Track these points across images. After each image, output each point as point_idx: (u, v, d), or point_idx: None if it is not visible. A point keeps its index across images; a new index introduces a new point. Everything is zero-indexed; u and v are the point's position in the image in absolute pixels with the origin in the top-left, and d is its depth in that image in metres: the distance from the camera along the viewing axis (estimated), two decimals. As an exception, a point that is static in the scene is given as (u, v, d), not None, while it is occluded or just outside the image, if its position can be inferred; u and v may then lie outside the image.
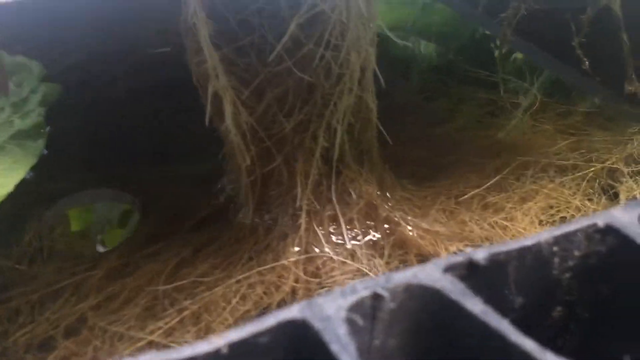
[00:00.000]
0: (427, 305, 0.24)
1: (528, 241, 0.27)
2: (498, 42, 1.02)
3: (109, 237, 0.64)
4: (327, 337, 0.21)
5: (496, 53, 1.00)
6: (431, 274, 0.25)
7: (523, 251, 0.26)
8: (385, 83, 0.55)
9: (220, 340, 0.21)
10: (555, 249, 0.27)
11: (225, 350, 0.21)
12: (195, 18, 0.45)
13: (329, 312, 0.22)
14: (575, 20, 0.65)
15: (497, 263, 0.26)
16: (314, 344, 0.22)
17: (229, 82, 0.48)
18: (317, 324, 0.22)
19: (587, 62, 0.66)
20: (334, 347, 0.21)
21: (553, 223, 0.61)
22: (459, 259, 0.25)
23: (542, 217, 0.61)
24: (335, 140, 0.53)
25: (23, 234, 0.61)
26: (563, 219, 0.61)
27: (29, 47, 0.76)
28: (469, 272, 0.25)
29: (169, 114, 0.79)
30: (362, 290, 0.24)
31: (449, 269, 0.25)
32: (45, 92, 0.74)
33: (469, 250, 0.26)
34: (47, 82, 0.76)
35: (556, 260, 0.28)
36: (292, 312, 0.23)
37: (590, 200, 0.64)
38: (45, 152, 0.64)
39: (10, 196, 0.56)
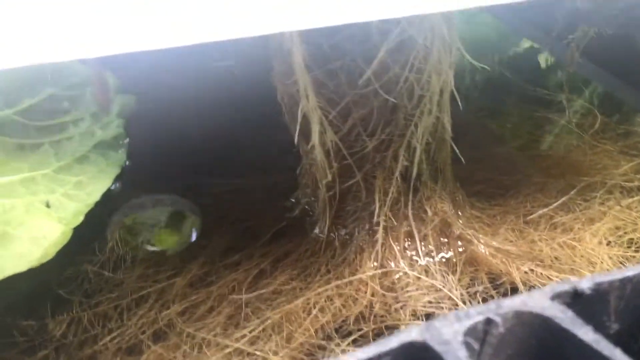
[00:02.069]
0: (536, 332, 0.26)
1: (630, 272, 0.28)
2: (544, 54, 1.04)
3: (159, 238, 0.65)
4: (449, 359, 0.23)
5: (544, 65, 1.00)
6: (540, 302, 0.26)
7: (625, 281, 0.28)
8: (461, 104, 0.57)
9: (349, 358, 0.23)
10: None
11: None
12: (290, 43, 0.47)
13: (447, 336, 0.24)
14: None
15: (600, 292, 0.27)
16: None
17: (317, 103, 0.50)
18: (438, 347, 0.24)
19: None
20: None
21: (621, 245, 0.62)
22: (565, 287, 0.27)
23: (611, 239, 0.62)
24: (414, 159, 0.55)
25: (106, 241, 0.64)
26: (630, 241, 0.62)
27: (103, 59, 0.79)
28: (574, 300, 0.27)
29: (238, 126, 0.82)
30: (475, 315, 0.25)
31: (556, 296, 0.26)
32: (122, 103, 0.78)
33: (573, 279, 0.28)
34: (123, 94, 0.79)
35: None
36: (412, 334, 0.24)
37: (656, 222, 0.64)
38: (127, 162, 0.67)
39: (96, 204, 0.59)
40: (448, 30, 0.52)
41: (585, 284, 0.27)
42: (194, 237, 0.65)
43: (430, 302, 0.55)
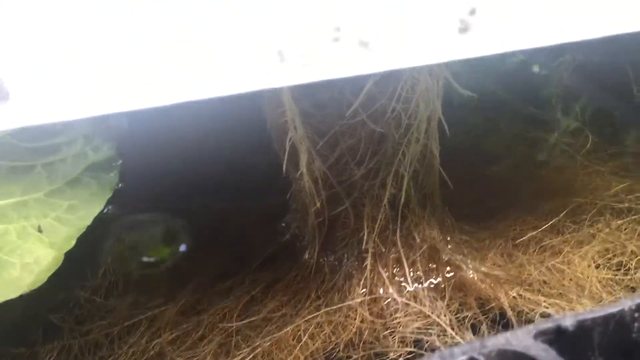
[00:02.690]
0: None
1: (613, 309, 0.28)
2: (536, 67, 1.04)
3: (154, 251, 0.66)
4: None
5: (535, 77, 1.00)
6: (523, 340, 0.27)
7: (608, 318, 0.28)
8: (448, 131, 0.57)
9: None
10: (636, 314, 0.29)
11: None
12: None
13: None
14: (634, 68, 0.67)
15: (583, 329, 0.28)
16: None
17: (305, 133, 0.51)
18: None
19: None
20: None
21: (610, 268, 0.62)
22: (548, 324, 0.27)
23: (600, 261, 0.62)
24: (402, 186, 0.55)
25: (98, 266, 0.64)
26: (620, 264, 0.62)
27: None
28: (557, 337, 0.27)
29: (229, 149, 0.82)
30: (460, 355, 0.26)
31: (539, 334, 0.27)
32: (113, 124, 0.78)
33: (556, 316, 0.28)
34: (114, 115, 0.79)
35: (636, 324, 0.29)
36: None
37: (646, 245, 0.65)
38: (120, 185, 0.67)
39: (87, 228, 0.60)
40: (435, 60, 0.53)
41: (568, 321, 0.27)
42: (183, 249, 0.66)
43: (419, 328, 0.55)
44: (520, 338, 0.27)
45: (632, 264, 0.62)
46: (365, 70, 0.29)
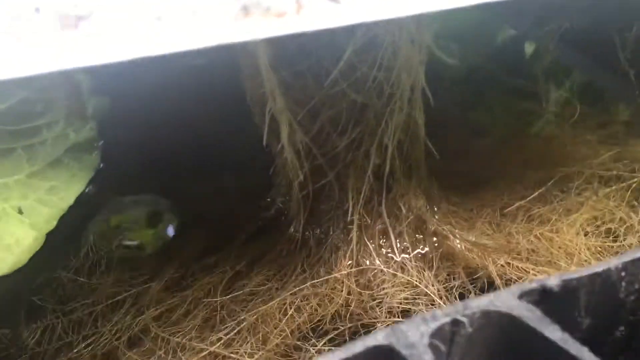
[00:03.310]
0: (504, 331, 0.26)
1: (598, 268, 0.28)
2: (529, 44, 1.03)
3: (137, 234, 0.65)
4: None
5: (528, 50, 1.00)
6: (507, 301, 0.26)
7: (593, 277, 0.28)
8: (432, 100, 0.56)
9: None
10: (623, 274, 0.28)
11: None
12: (254, 44, 0.47)
13: (413, 338, 0.24)
14: (621, 36, 0.66)
15: (568, 289, 0.27)
16: None
17: (285, 104, 0.50)
18: (404, 351, 0.23)
19: (632, 73, 0.67)
20: None
21: (599, 235, 0.61)
22: (533, 285, 0.27)
23: (588, 229, 0.62)
24: (386, 156, 0.54)
25: (80, 246, 0.64)
26: (608, 231, 0.62)
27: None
28: (542, 298, 0.27)
29: (212, 126, 0.81)
30: (442, 317, 0.25)
31: (524, 295, 0.26)
32: (95, 105, 0.77)
33: (541, 277, 0.27)
34: (96, 96, 0.78)
35: (623, 284, 0.29)
36: (378, 338, 0.24)
37: (634, 211, 0.64)
38: (101, 165, 0.66)
39: (69, 209, 0.59)
40: (416, 27, 0.52)
41: (553, 281, 0.27)
42: (171, 233, 0.65)
43: (406, 298, 0.55)
44: (504, 299, 0.26)
45: (621, 231, 0.62)
46: (336, 23, 0.28)
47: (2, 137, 0.66)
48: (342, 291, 0.55)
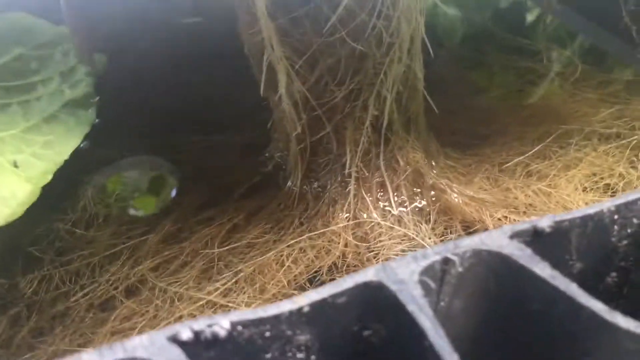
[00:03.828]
0: (494, 270, 0.26)
1: (591, 210, 0.28)
2: (531, 8, 1.02)
3: (141, 202, 0.65)
4: (403, 298, 0.23)
5: (530, 18, 0.99)
6: (498, 240, 0.26)
7: (586, 219, 0.27)
8: (431, 51, 0.55)
9: (303, 300, 0.23)
10: (616, 217, 0.28)
11: (307, 309, 0.23)
12: (251, -12, 0.46)
13: (403, 275, 0.24)
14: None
15: (561, 230, 0.27)
16: (390, 304, 0.23)
17: (283, 52, 0.49)
18: (393, 286, 0.23)
19: (634, 30, 0.66)
20: (411, 308, 0.22)
21: (597, 190, 0.61)
22: (525, 226, 0.27)
23: (586, 184, 0.62)
24: (384, 108, 0.54)
25: (77, 200, 0.63)
26: (607, 186, 0.62)
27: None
28: (534, 239, 0.27)
29: (208, 83, 0.81)
30: (433, 255, 0.25)
31: (515, 235, 0.26)
32: (92, 62, 0.76)
33: (533, 218, 0.27)
34: (94, 52, 0.77)
35: (616, 227, 0.29)
36: (368, 275, 0.24)
37: (634, 167, 0.64)
38: (97, 120, 0.66)
39: (65, 163, 0.59)
40: (417, -25, 0.51)
41: (545, 222, 0.27)
42: (173, 195, 0.65)
43: (403, 250, 0.55)
44: (495, 238, 0.26)
45: (619, 187, 0.62)
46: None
47: (-2, 93, 0.65)
48: (339, 244, 0.55)
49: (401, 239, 0.56)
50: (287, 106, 0.53)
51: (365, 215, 0.57)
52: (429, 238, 0.56)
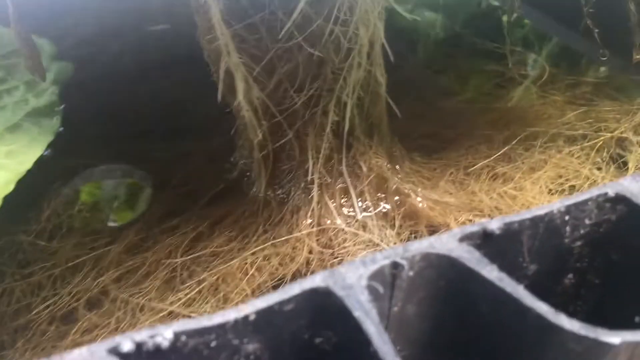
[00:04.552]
0: (444, 273, 0.25)
1: (541, 211, 0.27)
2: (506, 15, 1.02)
3: (119, 214, 0.64)
4: (350, 304, 0.23)
5: (504, 21, 1.00)
6: (447, 244, 0.26)
7: (536, 220, 0.27)
8: (392, 56, 0.55)
9: (248, 308, 0.23)
10: (567, 217, 0.28)
11: (253, 317, 0.22)
12: (206, -4, 0.46)
13: (351, 280, 0.24)
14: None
15: (511, 232, 0.27)
16: (337, 310, 0.23)
17: (240, 58, 0.49)
18: (340, 292, 0.23)
19: (596, 32, 0.66)
20: (357, 314, 0.22)
21: (562, 192, 0.62)
22: (474, 228, 0.26)
23: (552, 186, 0.62)
24: (345, 114, 0.54)
25: (41, 211, 0.63)
26: (572, 188, 0.62)
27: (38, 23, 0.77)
28: (484, 242, 0.27)
29: (175, 91, 0.80)
30: (382, 259, 0.25)
31: (465, 238, 0.26)
32: (57, 70, 0.76)
33: (483, 220, 0.27)
34: (59, 60, 0.77)
35: (568, 228, 0.29)
36: (316, 281, 0.24)
37: (599, 169, 0.64)
38: (62, 129, 0.66)
39: (29, 173, 0.58)
40: (374, -20, 0.51)
41: (494, 224, 0.27)
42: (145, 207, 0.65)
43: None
44: (444, 241, 0.26)
45: (584, 188, 0.62)
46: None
47: (-38, 103, 0.65)
48: (303, 250, 0.55)
49: (366, 245, 0.56)
50: (247, 113, 0.52)
51: (329, 222, 0.56)
52: (394, 243, 0.56)
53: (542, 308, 0.23)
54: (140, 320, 0.50)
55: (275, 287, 0.53)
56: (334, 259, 0.55)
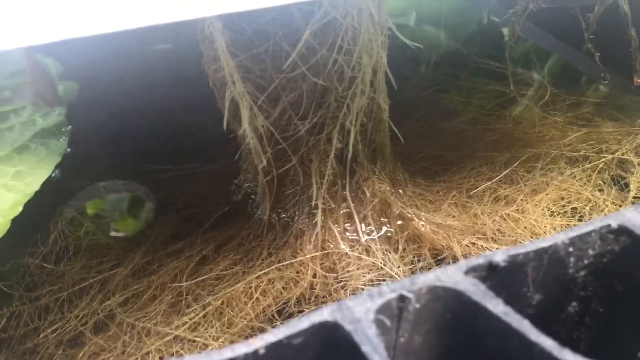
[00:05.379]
0: (450, 306, 0.26)
1: (545, 243, 0.28)
2: (507, 31, 1.03)
3: (121, 224, 0.65)
4: (358, 338, 0.23)
5: (505, 40, 1.00)
6: (453, 276, 0.26)
7: (540, 252, 0.28)
8: (394, 76, 0.56)
9: (258, 342, 0.23)
10: (570, 249, 0.29)
11: (262, 351, 0.23)
12: (212, 28, 0.47)
13: (359, 314, 0.24)
14: (584, 16, 0.66)
15: (516, 264, 0.28)
16: (345, 344, 0.23)
17: (245, 88, 0.50)
18: (348, 326, 0.24)
19: (597, 56, 0.67)
20: (365, 348, 0.23)
21: (564, 214, 0.62)
22: (480, 261, 0.27)
23: (554, 209, 0.63)
24: (349, 140, 0.54)
25: (48, 232, 0.63)
26: (574, 210, 0.63)
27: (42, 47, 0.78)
28: (489, 274, 0.27)
29: (179, 112, 0.81)
30: (389, 293, 0.25)
31: (470, 270, 0.27)
32: (64, 90, 0.76)
33: (487, 252, 0.28)
34: (65, 81, 0.78)
35: (572, 259, 0.29)
36: (324, 315, 0.24)
37: (600, 191, 0.65)
38: (69, 150, 0.66)
39: (36, 194, 0.59)
40: (377, 9, 0.52)
41: (499, 256, 0.27)
42: (148, 218, 0.65)
43: (371, 280, 0.55)
44: (450, 274, 0.27)
45: (586, 210, 0.63)
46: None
47: (-32, 124, 0.65)
48: (307, 274, 0.55)
49: (369, 269, 0.56)
50: (252, 140, 0.53)
51: (332, 246, 0.57)
52: (398, 267, 0.56)
53: (547, 343, 0.23)
54: (147, 345, 0.51)
55: (279, 312, 0.54)
56: (338, 283, 0.55)
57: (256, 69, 0.49)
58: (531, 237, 0.60)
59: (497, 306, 0.25)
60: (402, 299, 0.25)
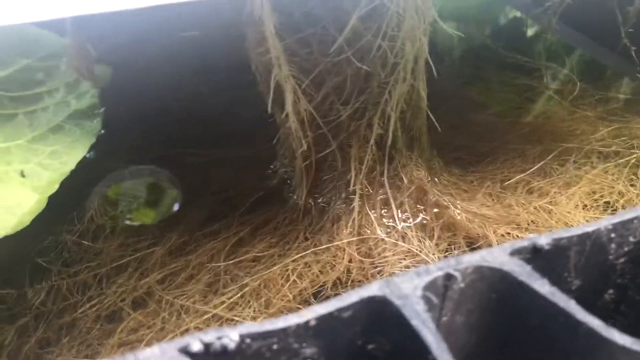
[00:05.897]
0: (495, 286, 0.26)
1: (589, 228, 0.28)
2: (530, 24, 1.03)
3: (137, 213, 0.66)
4: (407, 313, 0.24)
5: (529, 34, 1.00)
6: (498, 257, 0.27)
7: (584, 237, 0.28)
8: (435, 71, 0.57)
9: (309, 314, 0.23)
10: (613, 235, 0.29)
11: (313, 323, 0.23)
12: (261, 11, 0.47)
13: (407, 290, 0.25)
14: (621, 9, 0.66)
15: (559, 248, 0.28)
16: (393, 319, 0.24)
17: (290, 71, 0.50)
18: (397, 301, 0.24)
19: (633, 49, 0.67)
20: (415, 322, 0.23)
21: (597, 207, 0.62)
22: (524, 243, 0.27)
23: (587, 202, 0.63)
24: (389, 127, 0.55)
25: (84, 211, 0.64)
26: (607, 204, 0.63)
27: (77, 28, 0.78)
28: (533, 256, 0.27)
29: (212, 97, 0.82)
30: (435, 271, 0.26)
31: (515, 252, 0.27)
32: (98, 73, 0.77)
33: (532, 235, 0.28)
34: (98, 64, 0.78)
35: (613, 245, 0.29)
36: (373, 289, 0.25)
37: (633, 185, 0.65)
38: (102, 131, 0.67)
39: (72, 174, 0.59)
40: (421, -2, 0.52)
41: (544, 240, 0.27)
42: (175, 209, 0.66)
43: (407, 266, 0.56)
44: (495, 255, 0.27)
45: (619, 204, 0.63)
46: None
47: (4, 103, 0.66)
48: (343, 259, 0.56)
49: (405, 255, 0.57)
50: (294, 124, 0.54)
51: (369, 232, 0.57)
52: (433, 254, 0.57)
53: (594, 322, 0.23)
54: (185, 322, 0.51)
55: (315, 295, 0.54)
56: (374, 268, 0.56)
57: (302, 53, 0.50)
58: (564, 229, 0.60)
59: (543, 286, 0.25)
60: (448, 277, 0.26)
